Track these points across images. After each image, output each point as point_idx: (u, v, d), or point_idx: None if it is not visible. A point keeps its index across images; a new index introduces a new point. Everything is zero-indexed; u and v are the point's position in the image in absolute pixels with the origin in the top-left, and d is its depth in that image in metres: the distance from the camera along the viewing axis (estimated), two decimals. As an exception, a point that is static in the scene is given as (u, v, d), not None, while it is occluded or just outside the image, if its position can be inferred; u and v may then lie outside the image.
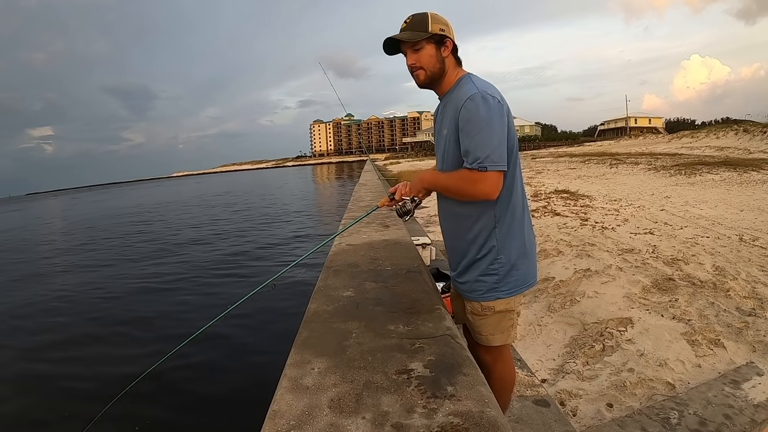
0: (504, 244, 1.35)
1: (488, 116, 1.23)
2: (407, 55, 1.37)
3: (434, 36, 1.33)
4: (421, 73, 1.36)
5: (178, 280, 7.35)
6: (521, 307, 1.51)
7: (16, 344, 5.15)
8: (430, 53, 1.34)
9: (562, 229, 5.84)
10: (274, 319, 5.13)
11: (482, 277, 1.38)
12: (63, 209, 37.17)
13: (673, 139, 30.49)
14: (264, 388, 1.34)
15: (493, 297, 1.38)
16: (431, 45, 1.34)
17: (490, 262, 1.37)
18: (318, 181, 39.80)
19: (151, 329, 5.21)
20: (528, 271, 1.41)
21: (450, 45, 1.36)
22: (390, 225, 2.95)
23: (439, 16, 1.35)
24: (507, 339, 1.44)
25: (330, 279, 1.79)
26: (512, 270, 1.36)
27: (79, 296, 7.06)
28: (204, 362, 4.19)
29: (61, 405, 3.66)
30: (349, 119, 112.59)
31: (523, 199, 1.40)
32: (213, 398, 3.52)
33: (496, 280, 1.36)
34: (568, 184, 11.73)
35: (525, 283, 1.41)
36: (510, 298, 1.39)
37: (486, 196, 1.28)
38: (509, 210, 1.35)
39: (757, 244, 4.67)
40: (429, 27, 1.32)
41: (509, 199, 1.35)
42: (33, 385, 4.07)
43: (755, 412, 2.00)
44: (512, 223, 1.36)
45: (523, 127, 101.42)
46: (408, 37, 1.33)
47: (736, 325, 2.92)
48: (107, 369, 4.19)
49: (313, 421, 0.86)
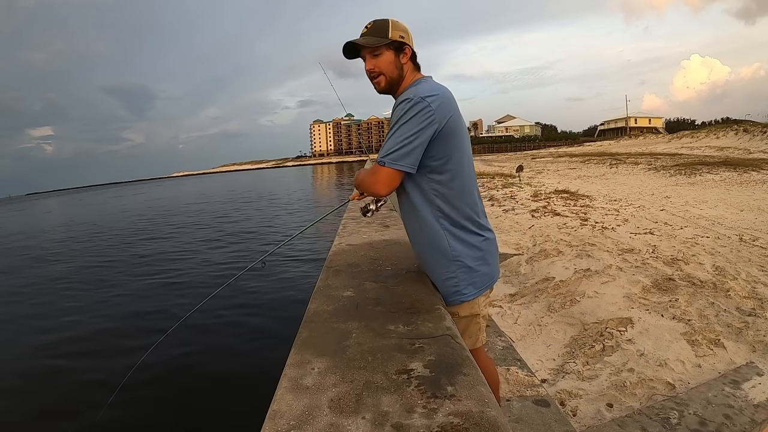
0: (456, 249, 1.37)
1: (406, 118, 1.25)
2: (366, 60, 1.39)
3: (393, 42, 1.35)
4: (382, 80, 1.38)
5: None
6: (487, 309, 1.54)
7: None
8: (389, 59, 1.36)
9: (562, 229, 5.84)
10: (273, 319, 5.14)
11: (441, 283, 1.43)
12: (89, 205, 36.91)
13: (673, 139, 30.51)
14: (264, 388, 1.34)
15: (458, 301, 1.41)
16: (390, 51, 1.36)
17: (446, 269, 1.39)
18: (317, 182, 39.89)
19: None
20: (487, 271, 1.43)
21: (409, 52, 1.38)
22: (390, 225, 2.95)
23: (400, 24, 1.38)
24: (476, 343, 1.47)
25: (330, 279, 1.79)
26: (470, 274, 1.39)
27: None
28: (204, 362, 4.19)
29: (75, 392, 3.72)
30: (349, 119, 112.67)
31: (474, 202, 1.41)
32: (213, 398, 3.52)
33: (455, 283, 1.39)
34: (568, 184, 11.73)
35: (484, 285, 1.43)
36: (473, 301, 1.42)
37: (376, 191, 1.32)
38: (459, 215, 1.37)
39: (757, 244, 4.67)
40: (389, 33, 1.34)
41: (454, 206, 1.36)
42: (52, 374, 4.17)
43: (755, 412, 2.00)
44: (464, 228, 1.38)
45: (523, 127, 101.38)
46: (368, 42, 1.35)
47: (736, 325, 2.92)
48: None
49: (313, 421, 0.86)
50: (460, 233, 1.37)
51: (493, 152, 61.94)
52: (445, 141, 1.30)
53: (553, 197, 8.84)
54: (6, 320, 6.14)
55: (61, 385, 4.01)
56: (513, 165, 24.17)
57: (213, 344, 4.57)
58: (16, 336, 5.47)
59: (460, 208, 1.37)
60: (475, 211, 1.41)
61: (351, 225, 3.03)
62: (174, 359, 4.31)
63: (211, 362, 4.18)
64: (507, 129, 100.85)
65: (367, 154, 10.12)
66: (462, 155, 1.36)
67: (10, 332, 5.63)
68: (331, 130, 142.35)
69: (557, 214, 6.95)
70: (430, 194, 1.35)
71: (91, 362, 4.42)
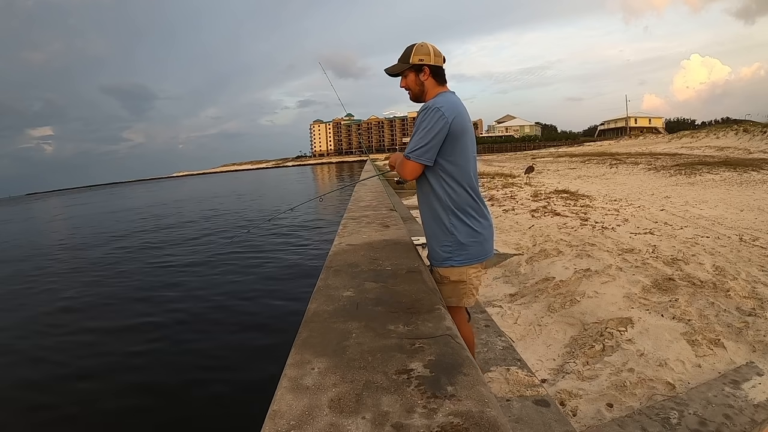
0: (455, 226, 1.74)
1: (425, 123, 1.65)
2: (401, 78, 1.84)
3: (414, 66, 1.76)
4: (410, 93, 1.84)
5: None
6: (479, 279, 1.87)
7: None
8: (412, 79, 1.79)
9: (562, 229, 5.83)
10: (274, 318, 5.14)
11: (438, 249, 1.79)
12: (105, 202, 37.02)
13: (673, 139, 30.52)
14: (264, 388, 1.34)
15: (448, 264, 1.78)
16: (412, 72, 1.78)
17: (444, 238, 1.76)
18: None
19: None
20: (480, 249, 1.77)
21: (427, 71, 1.77)
22: (390, 225, 2.95)
23: (423, 48, 1.75)
24: (460, 302, 1.83)
25: (330, 279, 1.79)
26: (462, 247, 1.74)
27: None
28: (204, 362, 4.19)
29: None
30: (349, 119, 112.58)
31: (473, 194, 1.76)
32: (213, 398, 3.52)
33: (449, 250, 1.76)
34: (568, 184, 11.73)
35: (475, 258, 1.77)
36: (462, 268, 1.77)
37: (404, 176, 1.78)
38: (460, 200, 1.73)
39: (757, 244, 4.67)
40: (411, 59, 1.76)
41: (457, 193, 1.73)
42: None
43: (755, 412, 2.00)
44: (464, 211, 1.74)
45: (523, 127, 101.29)
46: (394, 70, 1.82)
47: (736, 325, 2.92)
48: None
49: (313, 421, 0.86)
50: (460, 215, 1.73)
51: (493, 152, 61.90)
52: (452, 140, 1.67)
53: (553, 197, 8.83)
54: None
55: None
56: (513, 165, 24.07)
57: (213, 344, 4.57)
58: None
59: (461, 195, 1.73)
60: (475, 199, 1.76)
61: (351, 225, 3.03)
62: (174, 359, 4.31)
63: (211, 362, 4.18)
64: (507, 129, 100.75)
65: (367, 154, 10.15)
66: (466, 153, 1.73)
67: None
68: (331, 130, 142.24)
69: (557, 214, 6.94)
70: (441, 181, 1.73)
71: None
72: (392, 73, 1.83)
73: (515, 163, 25.81)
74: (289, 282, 6.60)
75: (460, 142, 1.69)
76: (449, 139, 1.66)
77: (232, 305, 5.75)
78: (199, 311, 5.64)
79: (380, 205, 4.16)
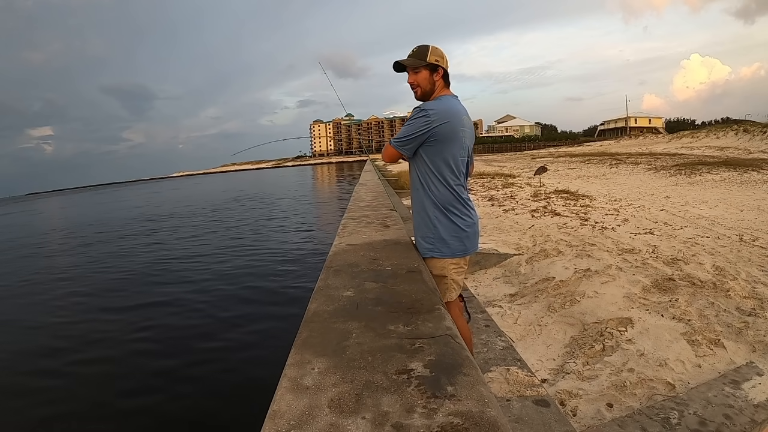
0: (439, 221, 1.86)
1: (412, 121, 1.79)
2: (409, 74, 1.88)
3: (430, 65, 1.82)
4: (418, 90, 1.88)
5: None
6: (459, 275, 1.95)
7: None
8: (425, 76, 1.84)
9: (562, 229, 5.83)
10: (274, 319, 5.14)
11: (421, 240, 1.94)
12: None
13: (673, 139, 30.50)
14: (264, 388, 1.35)
15: (429, 255, 1.91)
16: (427, 70, 1.83)
17: (427, 231, 1.90)
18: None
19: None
20: (460, 246, 1.87)
21: (441, 72, 1.85)
22: (390, 225, 2.95)
23: (438, 50, 1.84)
24: (443, 297, 1.84)
25: (330, 279, 1.79)
26: (443, 242, 1.86)
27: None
28: (204, 362, 4.19)
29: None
30: (349, 119, 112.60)
31: (457, 194, 1.86)
32: (213, 398, 3.53)
33: (431, 242, 1.89)
34: (568, 184, 11.73)
35: (455, 253, 1.88)
36: (443, 261, 1.89)
37: (383, 157, 2.01)
38: (444, 199, 1.85)
39: (757, 244, 4.67)
40: (428, 57, 1.81)
41: (440, 191, 1.84)
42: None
43: (755, 412, 2.00)
44: (447, 209, 1.85)
45: (523, 127, 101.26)
46: (411, 63, 1.84)
47: (736, 325, 2.92)
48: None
49: (313, 421, 0.86)
50: (444, 211, 1.85)
51: (493, 152, 61.89)
52: (437, 143, 1.79)
53: (553, 197, 8.83)
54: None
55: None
56: (513, 165, 24.03)
57: (213, 344, 4.57)
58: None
59: (444, 193, 1.84)
60: (458, 199, 1.86)
61: (351, 225, 3.03)
62: (174, 359, 4.31)
63: (211, 362, 4.18)
64: (507, 129, 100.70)
65: (367, 154, 10.18)
66: (454, 155, 1.83)
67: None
68: (331, 130, 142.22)
69: (557, 214, 6.94)
70: (427, 178, 1.85)
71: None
72: (408, 66, 1.84)
73: (515, 163, 25.78)
74: (289, 282, 6.60)
75: (446, 145, 1.79)
76: (434, 142, 1.77)
77: (232, 305, 5.75)
78: (199, 311, 5.64)
79: (380, 205, 4.16)
